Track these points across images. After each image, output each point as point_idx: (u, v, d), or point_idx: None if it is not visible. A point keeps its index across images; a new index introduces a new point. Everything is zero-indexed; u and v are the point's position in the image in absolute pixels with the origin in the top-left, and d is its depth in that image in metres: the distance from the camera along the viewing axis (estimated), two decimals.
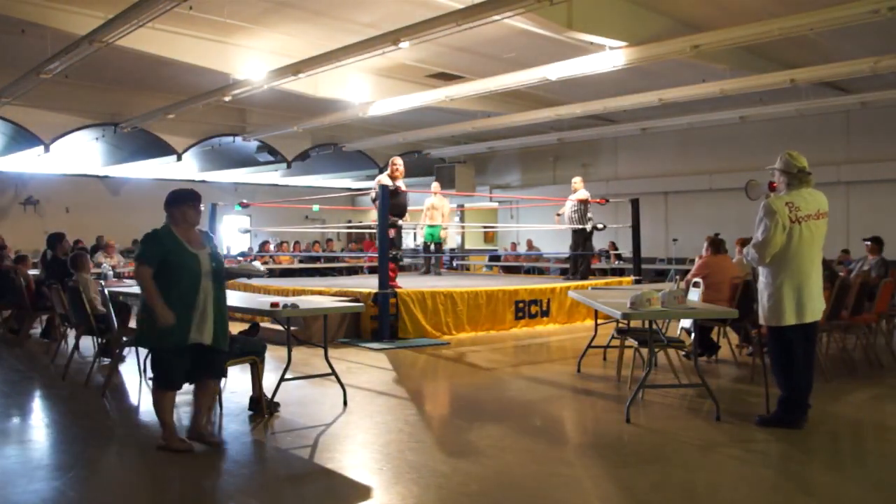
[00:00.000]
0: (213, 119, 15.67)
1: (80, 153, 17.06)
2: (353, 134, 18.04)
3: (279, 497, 3.82)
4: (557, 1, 7.32)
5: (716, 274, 7.12)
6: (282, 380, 5.37)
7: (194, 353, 4.42)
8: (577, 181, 11.49)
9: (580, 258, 11.57)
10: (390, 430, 4.93)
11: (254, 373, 5.22)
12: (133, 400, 6.05)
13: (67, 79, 11.27)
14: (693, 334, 6.60)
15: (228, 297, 4.76)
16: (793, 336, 4.83)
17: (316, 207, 14.27)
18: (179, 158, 16.42)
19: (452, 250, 17.87)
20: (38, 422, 5.50)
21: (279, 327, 5.99)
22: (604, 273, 15.11)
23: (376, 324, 8.83)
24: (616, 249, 16.64)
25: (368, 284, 9.69)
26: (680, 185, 17.22)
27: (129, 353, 7.19)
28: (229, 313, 4.75)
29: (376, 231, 9.54)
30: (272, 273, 14.04)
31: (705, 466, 4.27)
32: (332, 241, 20.29)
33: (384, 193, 9.22)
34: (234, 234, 16.80)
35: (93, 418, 5.42)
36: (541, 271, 17.27)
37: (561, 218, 11.70)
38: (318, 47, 9.90)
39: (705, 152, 16.67)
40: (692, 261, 9.09)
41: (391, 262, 9.14)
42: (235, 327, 5.36)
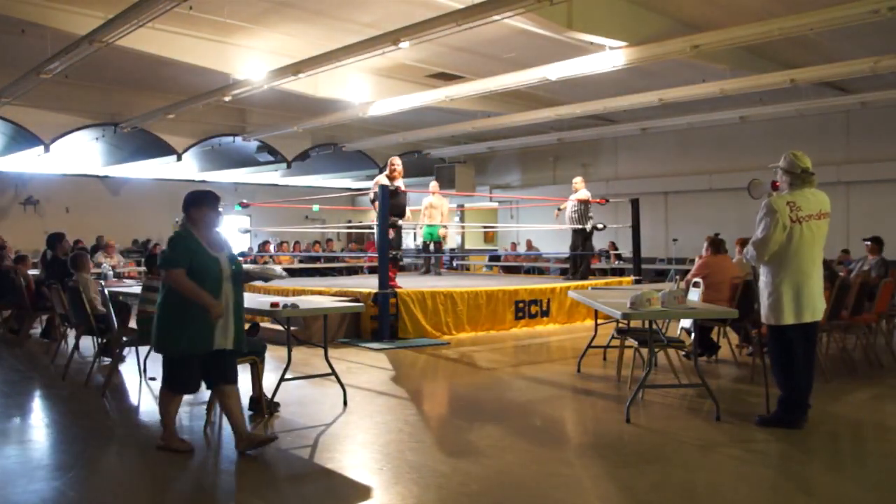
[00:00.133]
0: (213, 119, 15.66)
1: (80, 153, 17.06)
2: (352, 134, 18.04)
3: (279, 497, 3.82)
4: (557, 1, 7.32)
5: (716, 274, 7.12)
6: (282, 380, 5.37)
7: (212, 358, 4.33)
8: (577, 181, 11.49)
9: (580, 258, 11.57)
10: (390, 430, 4.93)
11: (254, 373, 5.22)
12: (133, 400, 6.05)
13: (67, 79, 11.28)
14: (693, 334, 6.60)
15: None
16: (793, 336, 4.84)
17: (316, 207, 14.27)
18: (179, 158, 16.40)
19: (452, 250, 17.86)
20: (38, 422, 5.49)
21: (279, 327, 5.99)
22: (604, 273, 15.11)
23: (376, 324, 8.83)
24: (616, 249, 16.65)
25: (368, 284, 9.69)
26: (680, 185, 17.22)
27: (129, 353, 7.18)
28: None
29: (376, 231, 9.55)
30: None
31: (705, 466, 4.27)
32: (332, 241, 20.30)
33: (384, 194, 9.22)
34: (234, 235, 16.81)
35: (93, 418, 5.42)
36: (541, 271, 17.28)
37: (561, 213, 11.70)
38: (318, 47, 9.90)
39: (705, 152, 16.67)
40: (692, 261, 9.09)
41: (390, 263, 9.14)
42: None
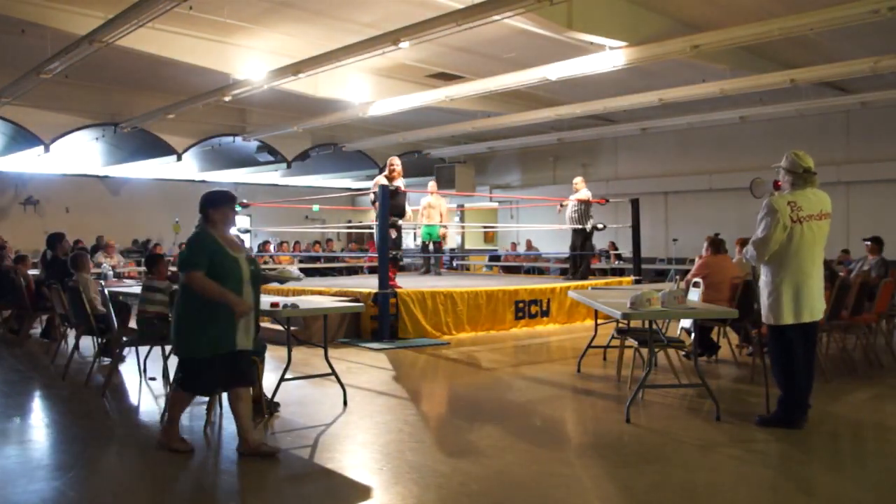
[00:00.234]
0: (213, 119, 15.66)
1: (80, 153, 17.06)
2: (352, 134, 18.04)
3: (279, 497, 3.82)
4: (557, 1, 7.32)
5: (716, 274, 7.12)
6: (282, 380, 5.38)
7: (230, 358, 4.26)
8: (578, 181, 11.49)
9: (580, 258, 11.57)
10: (390, 430, 4.93)
11: (253, 373, 5.21)
12: (133, 400, 6.05)
13: (67, 79, 11.28)
14: (693, 334, 6.59)
15: None
16: (793, 336, 4.83)
17: (316, 207, 14.27)
18: (179, 158, 16.42)
19: (452, 250, 17.86)
20: (38, 422, 5.49)
21: (279, 327, 5.99)
22: (604, 273, 15.12)
23: (376, 324, 8.83)
24: (616, 249, 16.65)
25: (368, 284, 9.69)
26: (680, 185, 17.22)
27: (129, 354, 7.19)
28: None
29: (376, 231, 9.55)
30: None
31: (705, 466, 4.27)
32: (332, 241, 20.30)
33: (384, 194, 9.22)
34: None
35: (93, 418, 5.42)
36: (541, 271, 17.28)
37: (562, 210, 11.70)
38: (318, 47, 9.90)
39: (705, 152, 16.67)
40: (692, 261, 9.09)
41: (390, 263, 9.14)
42: None
